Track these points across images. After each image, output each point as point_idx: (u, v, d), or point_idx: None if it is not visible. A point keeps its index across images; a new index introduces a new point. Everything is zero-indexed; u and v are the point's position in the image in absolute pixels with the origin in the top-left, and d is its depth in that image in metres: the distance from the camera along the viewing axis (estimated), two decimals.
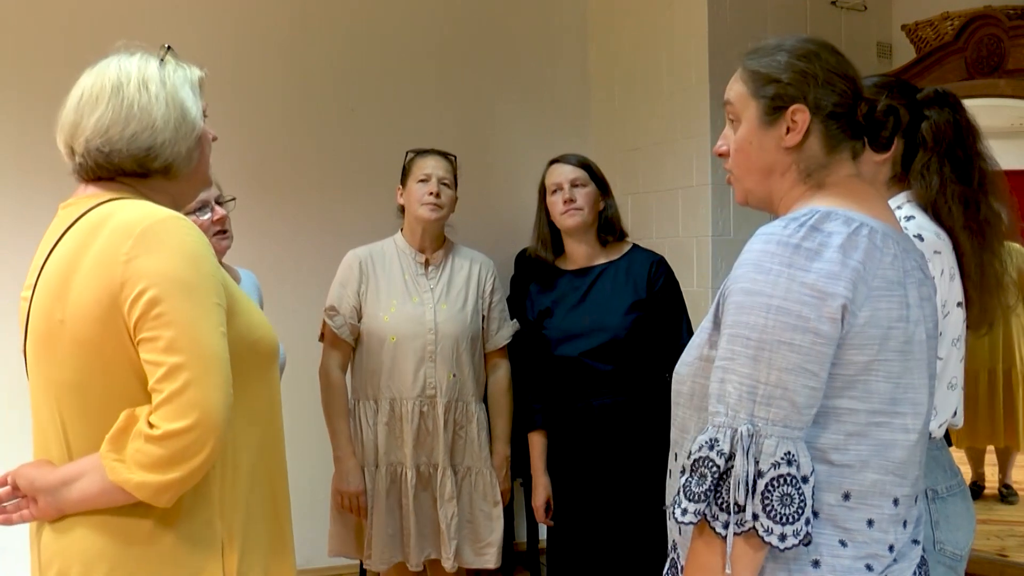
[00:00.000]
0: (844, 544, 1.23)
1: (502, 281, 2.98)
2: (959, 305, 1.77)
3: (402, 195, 2.76)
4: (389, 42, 3.92)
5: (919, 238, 1.71)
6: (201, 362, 1.22)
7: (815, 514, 1.21)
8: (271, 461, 1.43)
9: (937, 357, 1.40)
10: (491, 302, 2.79)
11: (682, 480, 1.23)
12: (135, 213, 1.30)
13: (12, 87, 3.43)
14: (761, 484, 1.17)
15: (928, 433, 1.41)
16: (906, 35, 3.16)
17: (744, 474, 1.17)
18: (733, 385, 1.20)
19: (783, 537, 1.17)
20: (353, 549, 2.75)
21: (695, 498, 1.21)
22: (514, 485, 3.08)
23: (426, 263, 2.75)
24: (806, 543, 1.19)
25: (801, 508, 1.18)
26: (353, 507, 2.66)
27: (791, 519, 1.17)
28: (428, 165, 2.70)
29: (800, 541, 1.18)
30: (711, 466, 1.20)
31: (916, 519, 1.33)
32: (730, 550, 1.19)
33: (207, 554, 1.30)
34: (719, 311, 1.29)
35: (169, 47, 1.43)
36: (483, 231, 3.58)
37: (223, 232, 2.35)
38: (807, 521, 1.18)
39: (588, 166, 2.63)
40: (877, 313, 1.21)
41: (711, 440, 1.21)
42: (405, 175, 2.75)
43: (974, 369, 2.93)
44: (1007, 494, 3.14)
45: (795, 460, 1.18)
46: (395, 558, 2.68)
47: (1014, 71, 2.70)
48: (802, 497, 1.18)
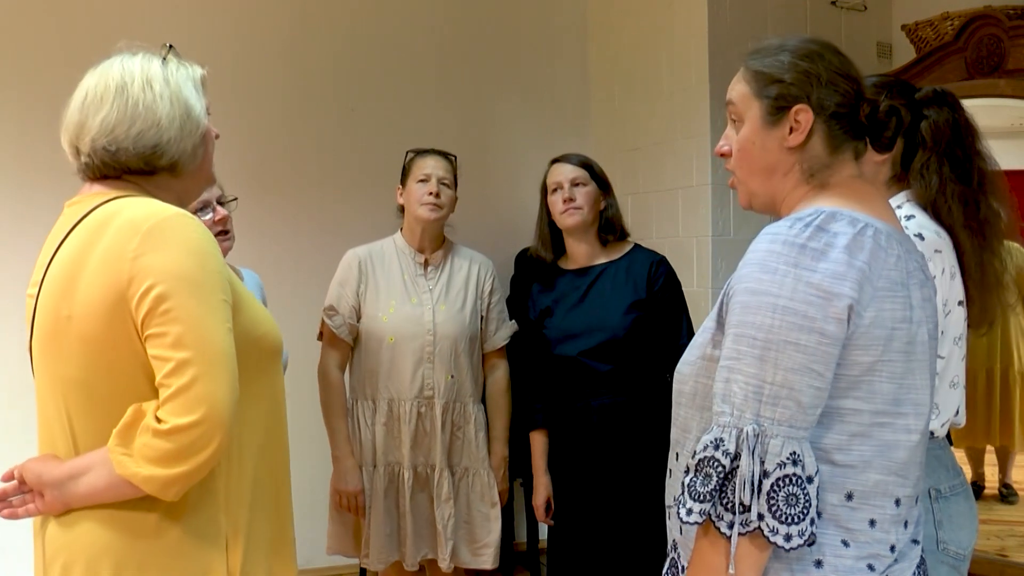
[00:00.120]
0: (847, 544, 1.23)
1: (502, 281, 2.98)
2: (960, 304, 1.77)
3: (402, 195, 2.76)
4: (389, 42, 3.92)
5: (920, 237, 1.71)
6: (208, 358, 1.23)
7: (818, 514, 1.21)
8: (274, 458, 1.43)
9: (939, 356, 1.40)
10: (490, 303, 2.79)
11: (686, 480, 1.23)
12: (142, 210, 1.30)
13: (12, 87, 3.43)
14: (767, 484, 1.17)
15: (929, 433, 1.41)
16: (906, 35, 3.16)
17: (750, 474, 1.17)
18: (739, 385, 1.20)
19: (788, 537, 1.17)
20: (351, 548, 2.76)
21: (700, 498, 1.20)
22: (514, 485, 3.08)
23: (425, 263, 2.74)
24: (811, 543, 1.19)
25: (806, 508, 1.18)
26: (351, 506, 2.67)
27: (796, 519, 1.17)
28: (428, 165, 2.70)
29: (805, 541, 1.18)
30: (716, 466, 1.20)
31: (916, 519, 1.33)
32: (734, 550, 1.19)
33: (212, 549, 1.31)
34: (723, 311, 1.29)
35: (171, 46, 1.44)
36: (483, 231, 3.58)
37: (225, 232, 2.35)
38: (812, 521, 1.18)
39: (589, 166, 2.63)
40: (882, 314, 1.21)
41: (716, 440, 1.21)
42: (405, 175, 2.75)
43: (972, 369, 2.93)
44: (1007, 494, 3.14)
45: (800, 460, 1.18)
46: (392, 558, 2.69)
47: (1014, 71, 2.70)
48: (807, 497, 1.18)
